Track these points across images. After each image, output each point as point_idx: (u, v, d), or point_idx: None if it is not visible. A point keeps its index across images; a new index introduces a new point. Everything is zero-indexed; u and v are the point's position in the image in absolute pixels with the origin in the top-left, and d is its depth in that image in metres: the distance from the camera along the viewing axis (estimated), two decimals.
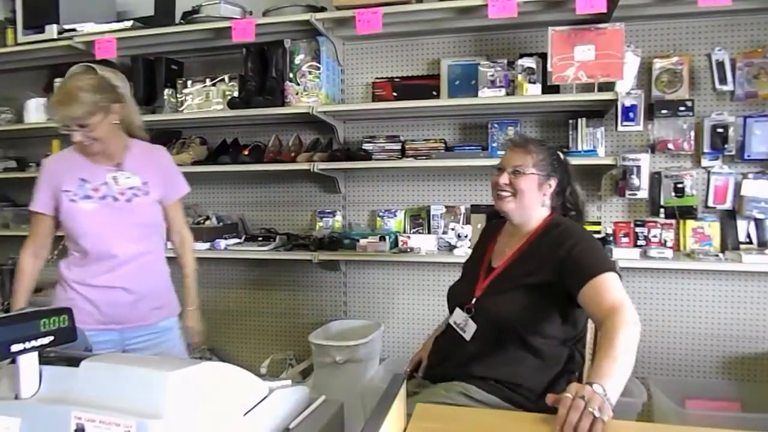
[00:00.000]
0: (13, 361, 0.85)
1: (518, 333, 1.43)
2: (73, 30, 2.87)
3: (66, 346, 0.93)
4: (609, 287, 1.31)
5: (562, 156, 1.59)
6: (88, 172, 1.74)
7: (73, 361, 0.86)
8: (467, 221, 2.64)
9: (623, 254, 2.31)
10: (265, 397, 0.97)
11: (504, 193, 1.52)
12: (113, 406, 0.78)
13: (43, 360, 0.88)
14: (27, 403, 0.84)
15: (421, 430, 1.11)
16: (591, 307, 1.33)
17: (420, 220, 2.75)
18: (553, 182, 1.53)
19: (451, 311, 1.58)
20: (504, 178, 1.52)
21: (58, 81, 3.03)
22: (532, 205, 1.52)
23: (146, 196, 1.78)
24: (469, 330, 1.49)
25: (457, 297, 1.58)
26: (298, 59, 2.65)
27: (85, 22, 2.86)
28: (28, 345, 0.83)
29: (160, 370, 0.81)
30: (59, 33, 2.89)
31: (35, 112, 3.04)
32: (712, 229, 2.39)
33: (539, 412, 1.14)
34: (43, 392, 0.85)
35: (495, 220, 1.72)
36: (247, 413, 0.91)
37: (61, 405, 0.81)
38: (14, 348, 0.82)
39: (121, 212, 1.73)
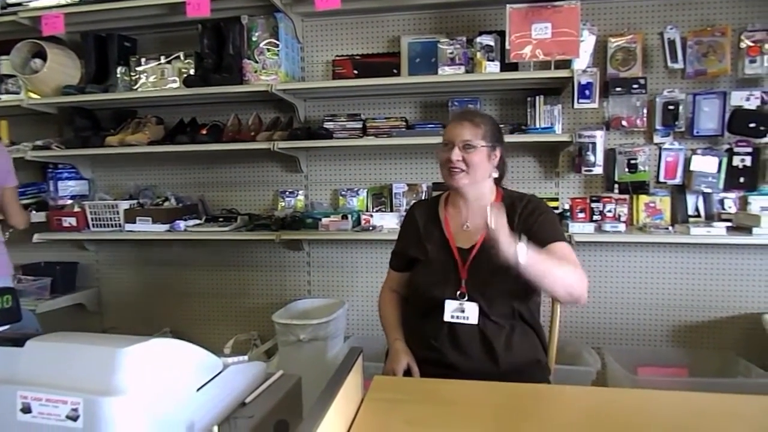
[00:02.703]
0: None
1: (519, 307, 1.47)
2: (19, 5, 2.74)
3: (13, 327, 0.91)
4: (570, 253, 1.44)
5: None
6: None
7: (18, 341, 0.84)
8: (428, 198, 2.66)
9: (579, 229, 2.38)
10: (219, 373, 0.97)
11: (456, 170, 1.50)
12: (61, 385, 0.77)
13: None
14: None
15: (377, 401, 1.13)
16: None
17: (382, 198, 2.76)
18: (499, 152, 1.55)
19: (434, 309, 1.50)
20: (456, 154, 1.49)
21: (3, 59, 2.91)
22: (484, 177, 1.54)
23: None
24: (472, 312, 1.47)
25: (437, 288, 1.50)
26: (255, 36, 2.60)
27: None
28: None
29: (109, 347, 0.80)
30: (3, 7, 2.75)
31: None
32: (663, 203, 2.47)
33: None
34: None
35: (416, 203, 1.74)
36: (200, 388, 0.91)
37: (6, 385, 0.79)
38: None
39: None
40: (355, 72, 2.67)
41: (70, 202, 2.94)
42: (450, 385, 1.26)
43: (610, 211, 2.45)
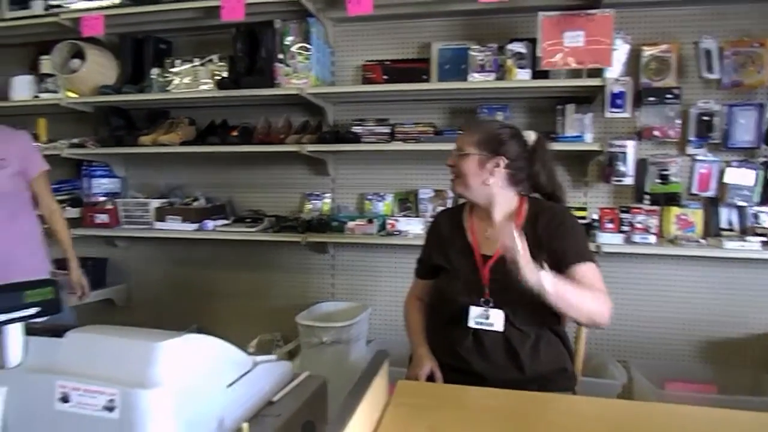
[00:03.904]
0: None
1: (545, 315, 1.44)
2: (60, 6, 2.83)
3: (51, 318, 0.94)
4: (595, 276, 1.41)
5: (528, 136, 1.58)
6: None
7: (58, 332, 0.87)
8: (455, 205, 2.65)
9: (608, 240, 2.34)
10: (249, 371, 0.99)
11: (452, 176, 1.56)
12: (98, 376, 0.80)
13: (29, 331, 0.88)
14: (12, 373, 0.85)
15: (402, 405, 1.13)
16: None
17: (408, 203, 2.76)
18: (501, 161, 1.50)
19: (459, 315, 1.49)
20: (450, 161, 1.56)
21: (44, 58, 3.00)
22: (477, 185, 1.52)
23: (4, 170, 2.04)
24: (496, 319, 1.45)
25: (461, 295, 1.50)
26: (288, 40, 2.63)
27: None
28: (12, 316, 0.84)
29: (146, 341, 0.82)
30: (45, 9, 2.85)
31: (21, 89, 3.01)
32: (696, 215, 2.42)
33: None
34: (28, 362, 0.86)
35: (441, 211, 1.78)
36: (230, 385, 0.93)
37: (45, 374, 0.82)
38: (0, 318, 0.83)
39: None
40: (385, 77, 2.68)
41: (103, 199, 3.01)
42: (475, 392, 1.25)
43: (640, 222, 2.41)
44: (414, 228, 2.57)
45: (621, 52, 2.41)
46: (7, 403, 0.83)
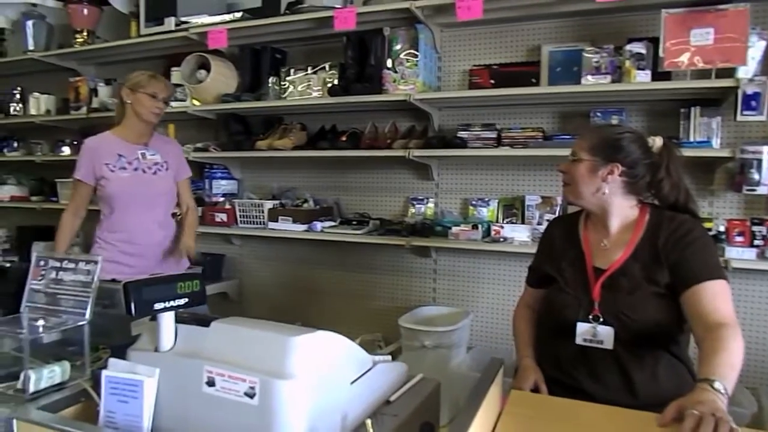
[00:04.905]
0: (154, 318, 0.96)
1: (665, 337, 1.37)
2: (188, 22, 3.09)
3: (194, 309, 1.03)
4: (725, 297, 1.29)
5: (653, 141, 1.47)
6: (125, 149, 2.27)
7: (204, 322, 0.95)
8: (564, 213, 2.57)
9: (737, 254, 2.15)
10: (369, 369, 1.02)
11: (563, 182, 1.51)
12: (240, 363, 0.86)
13: (178, 319, 0.98)
14: (165, 356, 0.94)
15: (515, 415, 1.11)
16: (698, 310, 1.28)
17: (514, 210, 2.71)
18: (616, 168, 1.41)
19: (565, 328, 1.44)
20: (562, 166, 1.50)
21: (174, 70, 3.29)
22: (587, 192, 1.44)
23: (166, 172, 2.35)
24: (606, 337, 1.38)
25: (569, 309, 1.44)
26: (396, 47, 2.68)
27: (199, 14, 3.07)
28: (167, 304, 0.93)
29: (282, 335, 0.88)
30: (176, 25, 3.12)
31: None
32: None
33: None
34: (178, 347, 0.95)
35: (556, 218, 1.72)
36: (353, 381, 0.97)
37: (194, 359, 0.90)
38: (157, 306, 0.92)
39: (149, 181, 2.29)
40: (492, 81, 2.66)
41: (221, 199, 3.24)
42: (589, 409, 1.20)
43: None
44: (520, 235, 2.52)
45: (756, 49, 2.20)
46: (160, 382, 0.92)
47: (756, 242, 2.20)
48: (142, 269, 2.18)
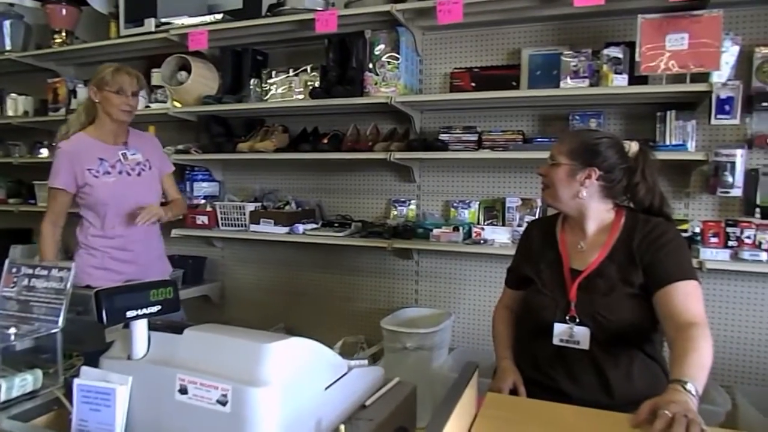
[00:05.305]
0: (127, 326, 0.96)
1: (639, 337, 1.39)
2: (169, 23, 3.07)
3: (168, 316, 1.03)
4: (696, 298, 1.32)
5: (629, 146, 1.50)
6: (104, 152, 2.16)
7: (177, 329, 0.95)
8: (543, 215, 2.59)
9: (711, 255, 2.19)
10: (344, 374, 1.03)
11: (542, 185, 1.54)
12: (212, 371, 0.86)
13: (151, 326, 0.97)
14: (138, 364, 0.94)
15: (490, 417, 1.12)
16: (669, 310, 1.31)
17: (494, 212, 2.73)
18: (593, 172, 1.44)
19: (543, 329, 1.46)
20: (541, 169, 1.53)
21: (155, 71, 3.26)
22: (565, 195, 1.47)
23: (150, 171, 2.25)
24: (582, 337, 1.40)
25: (546, 310, 1.46)
26: (378, 50, 2.69)
27: (179, 15, 3.05)
28: (140, 312, 0.93)
29: (255, 342, 0.88)
30: (156, 26, 3.09)
31: None
32: None
33: None
34: (151, 355, 0.95)
35: (534, 221, 1.74)
36: (328, 387, 0.97)
37: (167, 367, 0.90)
38: (129, 314, 0.92)
39: (135, 184, 2.19)
40: (473, 84, 2.67)
41: (203, 201, 3.22)
42: (564, 411, 1.21)
43: (749, 237, 2.23)
44: (500, 237, 2.54)
45: (730, 54, 2.25)
46: (132, 390, 0.92)
47: (730, 243, 2.25)
48: (132, 275, 2.13)
